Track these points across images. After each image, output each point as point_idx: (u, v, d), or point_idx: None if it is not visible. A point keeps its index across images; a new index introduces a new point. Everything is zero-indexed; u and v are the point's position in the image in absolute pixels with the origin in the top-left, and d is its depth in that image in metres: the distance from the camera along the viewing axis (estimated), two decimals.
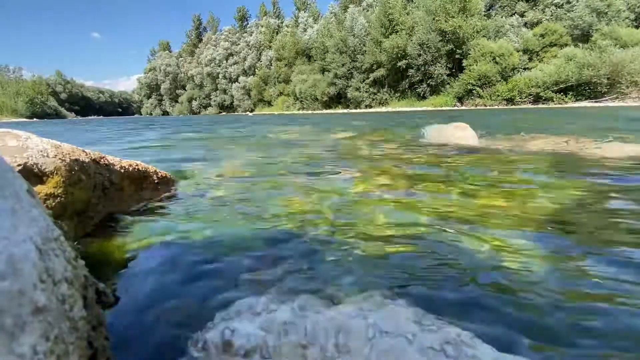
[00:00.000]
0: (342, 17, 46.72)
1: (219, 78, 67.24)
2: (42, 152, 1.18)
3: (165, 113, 78.10)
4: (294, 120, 14.40)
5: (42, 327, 0.34)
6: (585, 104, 23.24)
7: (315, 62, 46.70)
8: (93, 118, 63.18)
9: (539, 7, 32.78)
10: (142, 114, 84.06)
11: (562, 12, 30.67)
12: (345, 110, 38.14)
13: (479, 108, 26.99)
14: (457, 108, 28.95)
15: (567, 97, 25.55)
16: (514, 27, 32.03)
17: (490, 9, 35.68)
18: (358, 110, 36.76)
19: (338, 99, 43.17)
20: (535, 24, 31.78)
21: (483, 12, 33.05)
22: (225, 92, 66.60)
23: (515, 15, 33.45)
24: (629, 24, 27.55)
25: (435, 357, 0.58)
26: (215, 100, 67.78)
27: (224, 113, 62.95)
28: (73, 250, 0.48)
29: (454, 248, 1.14)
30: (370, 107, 38.38)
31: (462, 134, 4.08)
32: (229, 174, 2.52)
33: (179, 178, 2.24)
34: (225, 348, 0.64)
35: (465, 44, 30.82)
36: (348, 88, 40.64)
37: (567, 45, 27.90)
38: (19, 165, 1.10)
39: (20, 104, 61.09)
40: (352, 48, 40.24)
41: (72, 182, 1.24)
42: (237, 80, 64.11)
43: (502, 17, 33.39)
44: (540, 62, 28.62)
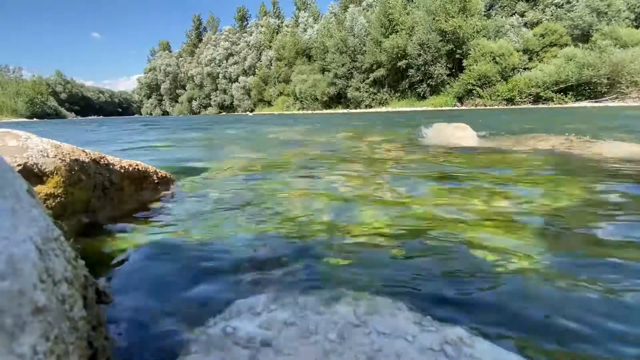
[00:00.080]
0: (342, 17, 46.72)
1: (219, 78, 67.22)
2: (42, 152, 1.18)
3: (165, 113, 78.08)
4: (294, 120, 14.40)
5: (42, 327, 0.33)
6: (585, 104, 23.24)
7: (315, 62, 46.69)
8: (93, 118, 63.15)
9: (539, 7, 32.78)
10: (142, 114, 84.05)
11: (562, 12, 30.67)
12: (345, 110, 38.13)
13: (479, 108, 26.99)
14: (457, 108, 28.95)
15: (567, 97, 25.55)
16: (514, 27, 32.02)
17: (490, 9, 35.68)
18: (358, 110, 36.76)
19: (338, 99, 43.17)
20: (535, 24, 31.78)
21: (483, 12, 33.05)
22: (225, 92, 66.58)
23: (515, 15, 33.45)
24: (629, 24, 27.55)
25: (435, 357, 0.58)
26: (215, 100, 67.75)
27: (224, 113, 62.92)
28: (73, 250, 0.47)
29: (454, 248, 1.14)
30: (370, 107, 38.37)
31: (462, 134, 4.08)
32: (229, 174, 2.52)
33: (179, 178, 2.24)
34: (226, 343, 0.64)
35: (465, 44, 30.82)
36: (348, 88, 40.64)
37: (567, 45, 27.90)
38: (19, 165, 1.10)
39: (20, 104, 61.10)
40: (352, 48, 40.24)
41: (72, 182, 1.24)
42: (237, 80, 64.09)
43: (502, 17, 33.39)
44: (540, 62, 28.62)
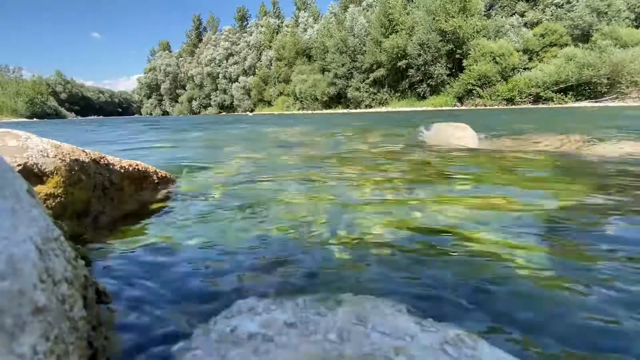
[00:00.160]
0: (342, 17, 46.69)
1: (219, 78, 67.19)
2: (42, 152, 1.18)
3: (165, 113, 78.06)
4: (294, 121, 14.40)
5: (42, 327, 0.33)
6: (585, 104, 23.23)
7: (315, 62, 46.66)
8: (93, 118, 63.11)
9: (539, 7, 32.76)
10: (142, 114, 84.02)
11: (562, 12, 30.65)
12: (345, 110, 38.12)
13: (479, 108, 26.99)
14: (457, 108, 28.94)
15: (567, 97, 25.54)
16: (514, 27, 32.00)
17: (490, 9, 35.66)
18: (358, 110, 36.74)
19: (338, 99, 43.15)
20: (536, 24, 31.75)
21: (483, 12, 33.03)
22: (225, 92, 66.54)
23: (516, 15, 33.43)
24: (629, 24, 27.53)
25: (436, 357, 0.58)
26: (215, 100, 67.71)
27: (224, 113, 62.90)
28: (73, 250, 0.47)
29: (454, 249, 1.14)
30: (370, 107, 38.36)
31: (462, 134, 4.07)
32: (229, 174, 2.52)
33: (179, 178, 2.24)
34: (226, 341, 0.64)
35: (466, 44, 30.81)
36: (348, 88, 40.61)
37: (567, 45, 27.87)
38: (19, 165, 1.10)
39: (20, 104, 61.07)
40: (352, 48, 40.22)
41: (72, 182, 1.24)
42: (237, 80, 64.05)
43: (502, 17, 33.37)
44: (540, 62, 28.60)
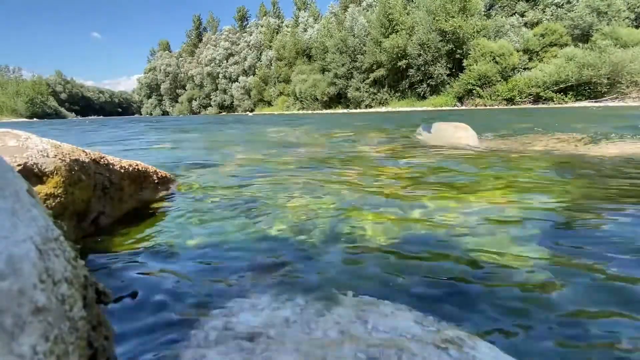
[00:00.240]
0: (342, 17, 46.67)
1: (219, 78, 67.16)
2: (42, 152, 1.18)
3: (165, 113, 78.04)
4: (294, 121, 14.39)
5: (42, 327, 0.34)
6: (585, 104, 23.22)
7: (316, 62, 46.63)
8: (93, 118, 63.03)
9: (539, 7, 32.74)
10: (142, 114, 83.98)
11: (562, 12, 30.63)
12: (345, 110, 38.10)
13: (479, 108, 26.98)
14: (457, 108, 28.93)
15: (567, 97, 25.52)
16: (514, 27, 31.98)
17: (490, 9, 35.64)
18: (358, 110, 36.73)
19: (338, 99, 43.13)
20: (536, 24, 31.74)
21: (483, 12, 33.01)
22: (225, 92, 66.51)
23: (516, 15, 33.41)
24: (629, 24, 27.51)
25: (435, 356, 0.58)
26: (215, 100, 67.68)
27: (224, 113, 62.87)
28: (73, 250, 0.48)
29: (454, 249, 1.14)
30: (370, 107, 38.34)
31: (462, 134, 4.07)
32: (229, 175, 2.52)
33: (179, 178, 2.24)
34: (228, 337, 0.64)
35: (466, 44, 30.79)
36: (348, 88, 40.59)
37: (567, 45, 27.86)
38: (19, 165, 1.10)
39: (20, 104, 61.06)
40: (352, 48, 40.19)
41: (72, 182, 1.24)
42: (237, 80, 64.02)
43: (502, 17, 33.34)
44: (540, 62, 28.58)
